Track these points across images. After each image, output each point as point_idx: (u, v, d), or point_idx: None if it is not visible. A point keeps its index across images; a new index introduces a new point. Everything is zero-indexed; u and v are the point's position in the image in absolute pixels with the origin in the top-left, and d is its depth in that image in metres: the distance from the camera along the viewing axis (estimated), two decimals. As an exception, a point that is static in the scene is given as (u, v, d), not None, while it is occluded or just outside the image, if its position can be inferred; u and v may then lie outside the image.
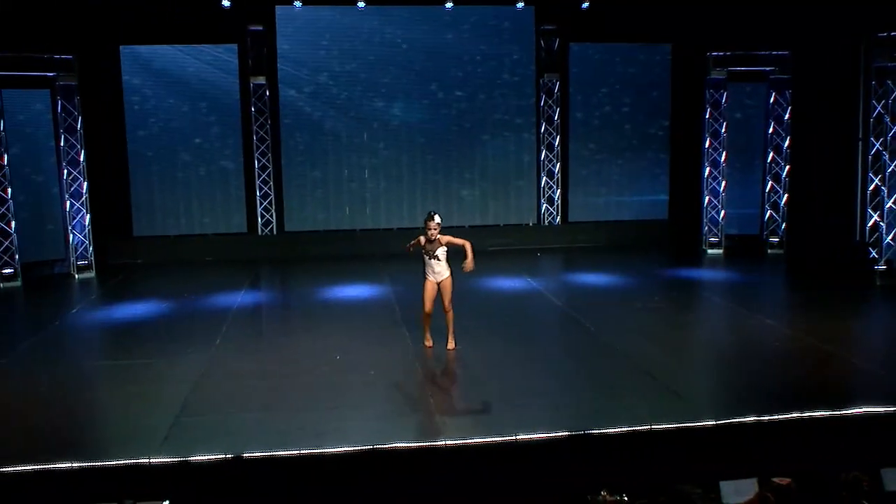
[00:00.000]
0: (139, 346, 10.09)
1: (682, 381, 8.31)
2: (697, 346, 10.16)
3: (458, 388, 8.48)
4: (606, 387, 8.17)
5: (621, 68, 17.37)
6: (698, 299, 12.89)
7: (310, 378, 8.59)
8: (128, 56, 15.87)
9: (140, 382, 8.59)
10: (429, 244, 8.98)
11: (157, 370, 9.02)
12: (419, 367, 8.90)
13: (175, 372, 8.85)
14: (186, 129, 16.27)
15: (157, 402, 7.89)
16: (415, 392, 8.12)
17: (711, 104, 16.25)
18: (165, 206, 16.34)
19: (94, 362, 9.79)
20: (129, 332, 10.91)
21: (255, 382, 8.51)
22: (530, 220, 17.64)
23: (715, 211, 16.58)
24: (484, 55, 16.96)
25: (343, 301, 12.54)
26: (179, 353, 9.58)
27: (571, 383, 8.39)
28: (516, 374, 8.68)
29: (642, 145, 17.66)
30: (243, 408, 7.76)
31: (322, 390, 8.19)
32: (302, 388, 8.30)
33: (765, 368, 8.80)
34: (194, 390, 8.21)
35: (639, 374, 8.55)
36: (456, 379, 8.73)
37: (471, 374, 8.82)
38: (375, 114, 16.86)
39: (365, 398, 7.94)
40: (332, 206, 16.93)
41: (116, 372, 9.09)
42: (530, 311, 11.77)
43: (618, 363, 8.98)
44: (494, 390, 8.17)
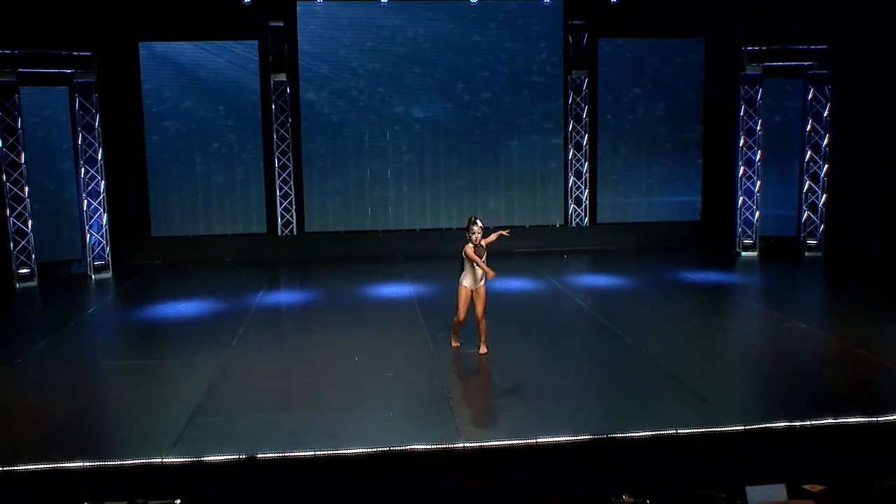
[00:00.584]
0: (154, 347, 10.32)
1: (710, 385, 8.32)
2: (727, 350, 10.13)
3: (479, 390, 8.53)
4: (631, 390, 8.20)
5: (652, 64, 17.35)
6: (730, 303, 12.83)
7: (327, 379, 8.69)
8: (146, 52, 16.11)
9: (154, 383, 8.77)
10: (478, 249, 9.02)
11: (171, 371, 9.18)
12: (439, 368, 8.96)
13: (190, 372, 9.00)
14: (205, 128, 16.47)
15: (171, 403, 8.04)
16: (434, 394, 8.16)
17: (746, 101, 16.14)
18: (184, 205, 16.55)
19: (109, 362, 9.97)
20: (145, 332, 11.11)
21: (271, 383, 8.61)
22: (557, 221, 17.66)
23: (749, 212, 16.46)
24: (510, 52, 17.02)
25: (363, 302, 12.63)
26: (195, 353, 9.73)
27: (595, 386, 8.42)
28: (539, 376, 8.75)
29: (674, 144, 17.61)
30: (258, 409, 7.87)
31: (339, 391, 8.28)
32: (318, 389, 8.40)
33: (798, 373, 8.78)
34: (209, 391, 8.33)
35: (665, 378, 8.57)
36: (477, 381, 8.80)
37: (492, 376, 8.89)
38: (398, 113, 16.99)
39: (382, 399, 8.01)
40: (354, 207, 17.07)
41: (131, 372, 9.27)
42: (555, 314, 11.82)
43: (644, 367, 9.00)
44: (516, 392, 8.24)
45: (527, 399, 8.00)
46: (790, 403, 7.69)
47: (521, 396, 8.11)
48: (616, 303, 12.37)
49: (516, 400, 8.06)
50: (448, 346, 9.72)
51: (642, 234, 17.62)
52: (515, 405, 7.91)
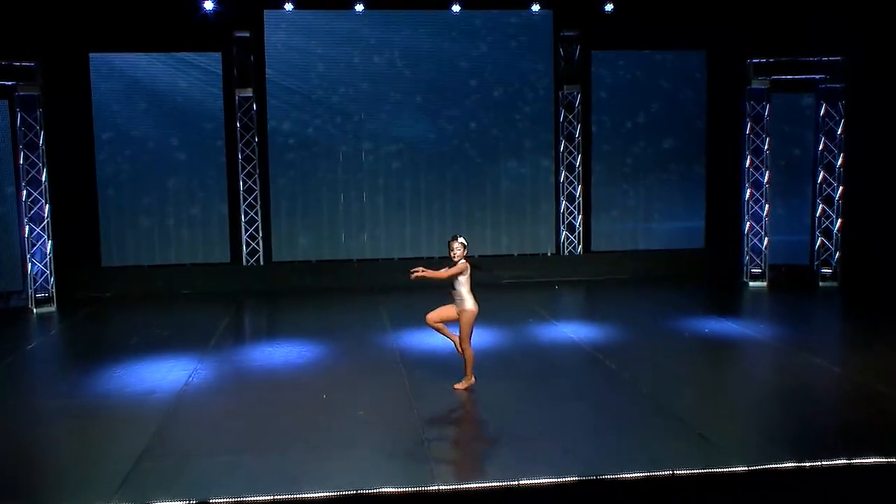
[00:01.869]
0: (100, 386, 10.16)
1: (713, 423, 8.29)
2: (732, 386, 10.13)
3: (459, 430, 8.50)
4: (625, 429, 8.17)
5: (650, 78, 17.52)
6: (736, 336, 12.69)
7: (290, 419, 8.64)
8: (98, 64, 16.10)
9: (98, 424, 8.65)
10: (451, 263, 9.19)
11: (118, 411, 9.07)
12: (415, 407, 8.91)
13: (138, 413, 8.91)
14: (163, 147, 16.45)
15: (116, 446, 7.93)
16: (409, 433, 8.11)
17: (753, 117, 16.27)
18: (138, 232, 16.48)
19: (48, 402, 9.78)
20: (90, 370, 10.94)
21: (228, 423, 8.56)
22: (548, 249, 17.70)
23: (757, 238, 16.52)
24: (496, 66, 17.15)
25: (335, 338, 12.55)
26: (145, 392, 9.65)
27: (586, 425, 8.39)
28: (525, 414, 8.72)
29: (675, 165, 17.74)
30: (212, 451, 7.80)
31: (303, 431, 8.23)
32: (280, 429, 8.34)
33: (809, 410, 8.78)
34: (158, 432, 8.24)
35: (663, 415, 8.56)
36: (457, 420, 8.77)
37: (474, 414, 8.88)
38: (376, 131, 17.04)
39: (352, 439, 7.97)
40: (326, 234, 17.06)
41: (72, 413, 9.13)
42: (545, 349, 11.79)
43: (640, 404, 9.00)
44: (499, 432, 8.21)
45: (510, 439, 7.95)
46: (800, 442, 7.65)
47: (505, 436, 8.06)
48: (611, 336, 12.35)
49: (499, 440, 8.02)
50: (427, 384, 9.69)
51: (641, 263, 17.69)
52: (497, 445, 7.87)
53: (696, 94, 17.57)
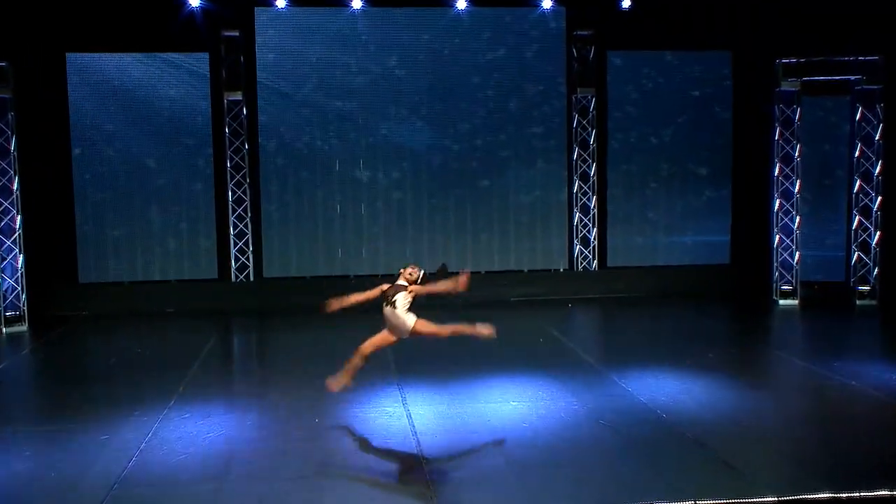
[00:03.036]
0: (74, 410, 10.06)
1: (739, 450, 8.19)
2: (760, 411, 9.92)
3: (463, 457, 8.36)
4: (643, 456, 8.08)
5: (671, 81, 17.52)
6: (764, 357, 12.70)
7: (279, 444, 8.60)
8: (75, 65, 16.13)
9: (70, 450, 8.57)
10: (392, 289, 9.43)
11: (92, 436, 8.98)
12: (416, 433, 8.86)
13: (115, 438, 8.84)
14: (145, 155, 16.47)
15: (89, 473, 7.86)
16: (407, 461, 8.06)
17: (782, 122, 16.21)
18: (119, 246, 16.47)
19: (15, 428, 9.67)
20: (64, 394, 10.89)
21: (212, 449, 8.50)
22: (560, 264, 17.66)
23: (788, 253, 16.43)
24: (505, 68, 17.18)
25: (329, 358, 12.24)
26: (123, 416, 9.58)
27: (601, 452, 8.31)
28: (534, 441, 8.64)
29: (697, 174, 17.72)
30: (194, 478, 7.73)
31: (292, 458, 8.17)
32: (268, 455, 8.28)
33: (846, 437, 8.65)
34: (136, 458, 8.18)
35: (684, 442, 8.47)
36: (461, 446, 8.63)
37: (480, 440, 8.78)
38: (375, 137, 17.07)
39: (345, 467, 7.92)
40: (322, 249, 17.06)
41: (41, 439, 9.06)
42: (557, 370, 11.66)
43: (659, 430, 8.90)
44: (507, 460, 8.14)
45: (519, 467, 7.87)
46: (836, 471, 7.55)
47: (512, 463, 7.99)
48: (627, 356, 12.30)
49: (505, 466, 7.93)
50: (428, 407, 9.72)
51: (660, 279, 17.66)
52: (504, 473, 7.78)
53: (720, 97, 17.55)
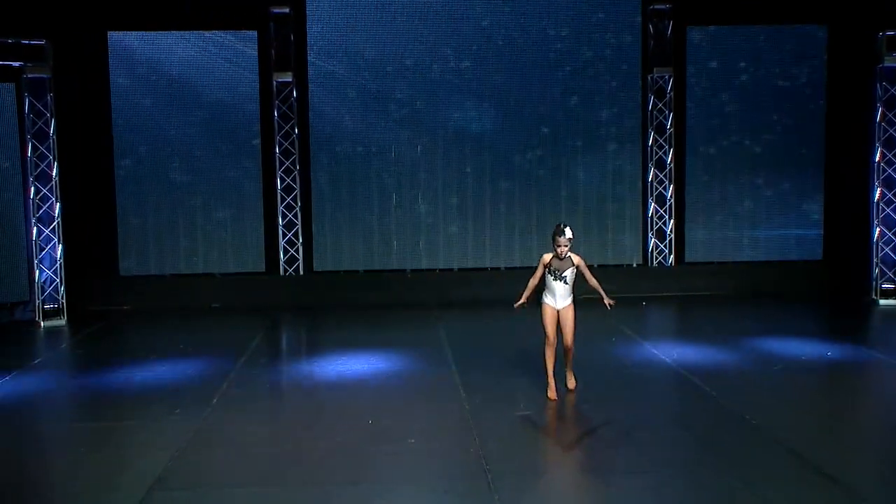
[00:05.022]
0: (113, 407, 10.23)
1: (838, 460, 7.97)
2: (862, 418, 9.77)
3: (529, 464, 8.25)
4: (730, 464, 7.88)
5: (757, 58, 17.17)
6: (863, 360, 12.35)
7: (329, 446, 8.54)
8: (117, 44, 16.26)
9: (108, 449, 8.67)
10: (557, 261, 9.74)
11: (131, 435, 9.08)
12: (476, 436, 8.75)
13: (155, 437, 8.91)
14: (190, 140, 16.57)
15: (127, 473, 7.90)
16: (469, 466, 7.93)
17: (885, 102, 15.85)
18: (161, 237, 16.60)
19: (53, 425, 9.85)
20: (102, 391, 11.02)
21: (256, 450, 8.49)
22: (634, 260, 17.49)
23: (890, 247, 16.14)
24: (574, 46, 16.99)
25: (384, 357, 12.50)
26: (164, 415, 9.66)
27: (682, 460, 8.16)
28: (609, 446, 8.56)
29: (787, 161, 17.36)
30: (236, 481, 7.71)
31: (344, 461, 8.11)
32: (317, 457, 8.24)
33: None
34: (176, 458, 8.21)
35: (776, 450, 8.26)
36: (525, 450, 8.54)
37: (546, 444, 8.74)
38: (433, 122, 16.99)
39: (401, 472, 7.84)
40: (376, 240, 17.05)
41: (79, 437, 9.19)
42: (633, 371, 11.61)
43: (747, 436, 8.72)
44: (578, 467, 8.10)
45: (591, 474, 7.81)
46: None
47: (584, 470, 7.92)
48: (710, 359, 12.09)
49: (577, 475, 7.88)
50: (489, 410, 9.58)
51: (744, 276, 17.42)
52: (575, 481, 7.72)
53: (814, 75, 17.18)
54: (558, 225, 9.80)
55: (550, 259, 9.73)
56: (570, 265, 9.73)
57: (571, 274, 9.76)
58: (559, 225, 9.78)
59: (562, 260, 9.70)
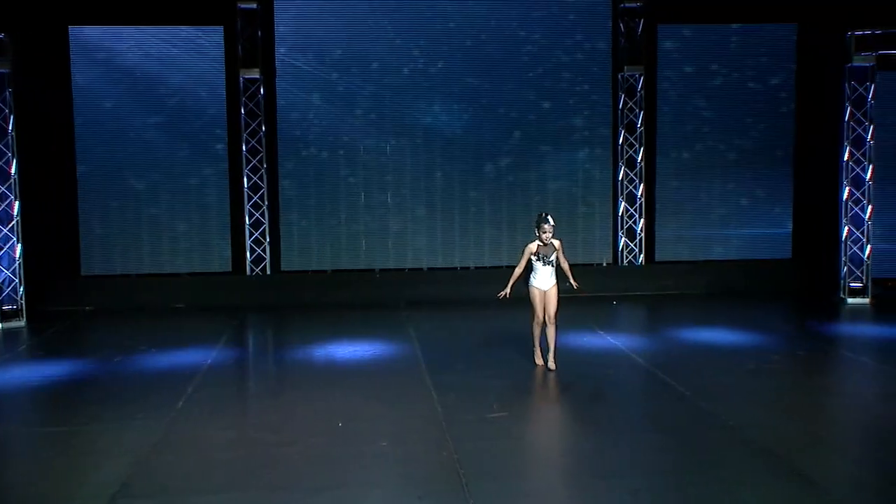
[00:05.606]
0: (73, 411, 9.99)
1: (817, 462, 7.93)
2: (837, 418, 9.76)
3: (504, 467, 8.11)
4: (706, 467, 7.83)
5: (728, 57, 17.21)
6: (836, 360, 12.51)
7: (299, 450, 8.40)
8: (79, 39, 16.01)
9: (70, 454, 8.47)
10: (543, 248, 11.00)
11: (93, 439, 8.88)
12: (450, 438, 8.62)
13: (117, 442, 8.72)
14: (154, 137, 16.36)
15: (89, 480, 7.71)
16: (442, 469, 7.81)
17: (853, 102, 15.92)
18: (125, 236, 16.41)
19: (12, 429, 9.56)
20: (63, 393, 10.82)
21: (224, 455, 8.33)
22: (604, 259, 17.45)
23: (858, 246, 16.18)
24: (544, 44, 16.92)
25: (353, 358, 12.42)
26: (127, 418, 9.48)
27: (658, 461, 8.08)
28: (583, 447, 8.54)
29: (757, 160, 17.40)
30: (203, 487, 7.54)
31: (314, 466, 7.97)
32: (286, 462, 8.09)
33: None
34: (140, 464, 8.04)
35: (753, 451, 8.21)
36: (501, 453, 8.39)
37: (522, 447, 8.63)
38: (403, 121, 16.88)
39: (372, 476, 7.71)
40: (344, 240, 16.94)
41: (40, 441, 9.01)
42: (605, 372, 11.55)
43: (723, 437, 8.69)
44: (553, 468, 8.08)
45: (567, 477, 7.75)
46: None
47: (560, 473, 7.87)
48: (682, 359, 12.06)
49: (553, 478, 7.79)
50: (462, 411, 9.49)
51: (714, 275, 17.43)
52: (551, 485, 7.59)
53: (783, 74, 17.22)
54: (540, 214, 11.17)
55: (537, 247, 10.93)
56: (554, 249, 11.00)
57: (555, 257, 11.01)
58: (541, 214, 11.16)
59: (546, 245, 10.94)
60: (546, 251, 10.98)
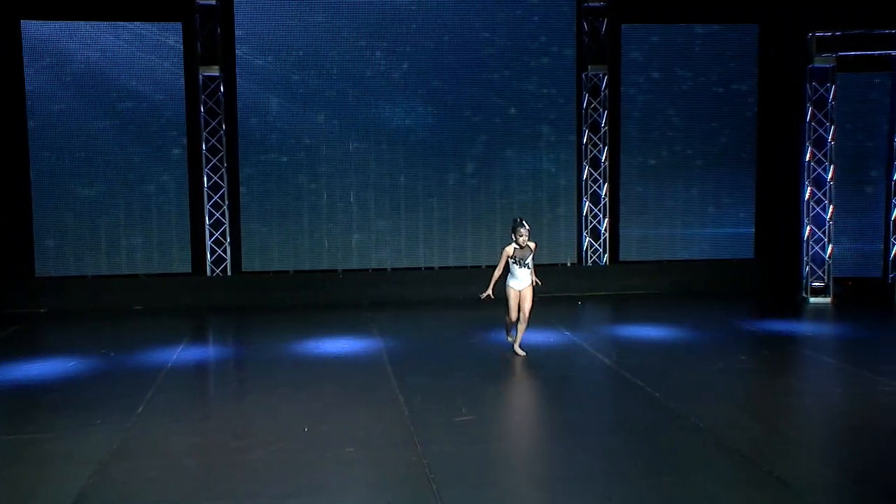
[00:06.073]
0: (27, 418, 9.75)
1: (788, 463, 7.88)
2: (806, 418, 9.73)
3: (473, 471, 7.99)
4: (679, 469, 7.74)
5: (691, 57, 17.35)
6: (801, 359, 12.56)
7: (264, 455, 8.19)
8: (31, 34, 15.77)
9: (23, 464, 8.17)
10: (519, 251, 11.50)
11: (48, 447, 8.59)
12: (418, 442, 8.47)
13: (74, 450, 8.46)
14: (111, 135, 16.17)
15: (44, 491, 7.45)
16: (411, 474, 7.66)
17: (815, 102, 16.00)
18: (80, 236, 16.20)
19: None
20: (17, 399, 10.56)
21: (187, 462, 8.14)
22: (568, 259, 17.46)
23: (820, 246, 16.28)
24: (508, 43, 16.94)
25: (317, 360, 12.29)
26: (84, 425, 9.20)
27: (629, 464, 7.97)
28: (554, 451, 8.51)
29: (719, 160, 17.55)
30: (165, 496, 7.29)
31: (280, 472, 7.77)
32: (251, 468, 7.87)
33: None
34: (98, 473, 7.78)
35: (725, 452, 8.17)
36: (471, 457, 8.26)
37: (492, 451, 8.46)
38: (365, 120, 16.79)
39: (339, 482, 7.52)
40: (307, 240, 16.85)
41: None
42: (572, 372, 11.60)
43: (694, 439, 8.62)
44: (523, 474, 7.95)
45: (538, 481, 7.64)
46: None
47: (532, 478, 7.74)
48: (650, 359, 12.03)
49: (524, 483, 7.66)
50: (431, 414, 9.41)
51: (679, 275, 17.56)
52: (523, 490, 7.47)
53: (746, 75, 17.37)
54: (515, 219, 11.67)
55: (514, 250, 11.44)
56: (531, 251, 11.55)
57: (531, 259, 11.56)
58: (517, 219, 11.64)
59: (523, 248, 11.46)
60: (523, 254, 11.46)
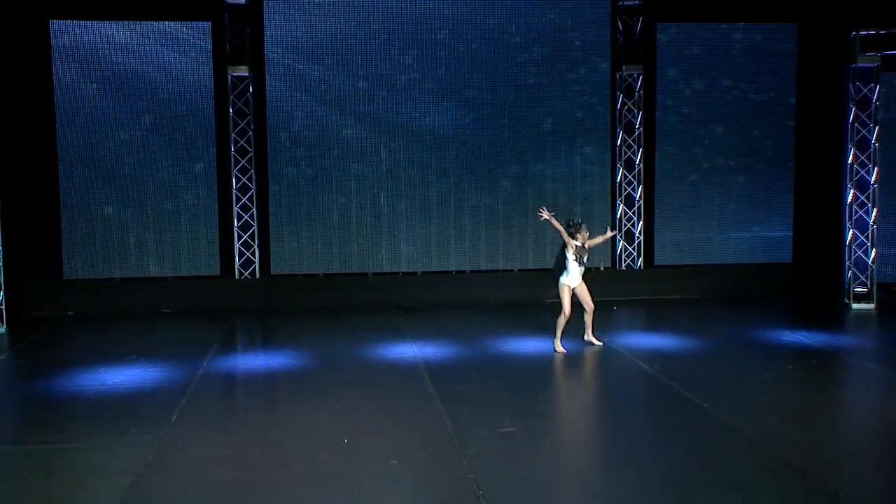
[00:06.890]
0: (60, 427, 9.61)
1: (845, 477, 7.77)
2: (861, 430, 9.48)
3: (520, 486, 7.81)
4: (730, 483, 7.62)
5: (728, 57, 17.12)
6: (849, 368, 12.29)
7: (301, 468, 8.03)
8: (60, 34, 15.69)
9: (58, 474, 8.10)
10: (580, 249, 12.19)
11: (82, 458, 8.48)
12: (463, 455, 8.26)
13: (109, 460, 8.34)
14: (139, 136, 16.09)
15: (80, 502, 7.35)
16: (458, 489, 7.48)
17: (857, 103, 15.77)
18: (109, 239, 16.11)
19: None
20: (48, 407, 10.46)
21: (222, 474, 7.96)
22: (602, 263, 17.21)
23: (863, 250, 16.06)
24: (542, 43, 16.74)
25: (351, 366, 12.14)
26: (117, 434, 9.08)
27: (680, 477, 7.82)
28: (601, 465, 8.42)
29: (757, 162, 17.35)
30: None
31: (318, 486, 7.61)
32: (289, 481, 7.73)
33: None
34: (134, 484, 7.65)
35: (777, 466, 7.99)
36: (518, 471, 8.09)
37: (538, 465, 8.26)
38: (396, 121, 16.65)
39: (382, 497, 7.37)
40: (337, 243, 16.72)
41: (24, 460, 8.54)
42: (614, 381, 11.48)
43: (745, 451, 8.45)
44: (574, 486, 7.85)
45: (589, 496, 7.47)
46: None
47: (582, 492, 7.60)
48: (693, 368, 11.84)
49: (575, 497, 7.51)
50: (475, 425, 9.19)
51: (714, 279, 17.35)
52: None
53: (785, 75, 17.14)
54: (572, 222, 12.33)
55: (575, 247, 12.08)
56: (586, 251, 12.26)
57: (587, 258, 12.34)
58: (572, 221, 12.35)
59: (584, 248, 12.17)
60: (583, 253, 12.16)
